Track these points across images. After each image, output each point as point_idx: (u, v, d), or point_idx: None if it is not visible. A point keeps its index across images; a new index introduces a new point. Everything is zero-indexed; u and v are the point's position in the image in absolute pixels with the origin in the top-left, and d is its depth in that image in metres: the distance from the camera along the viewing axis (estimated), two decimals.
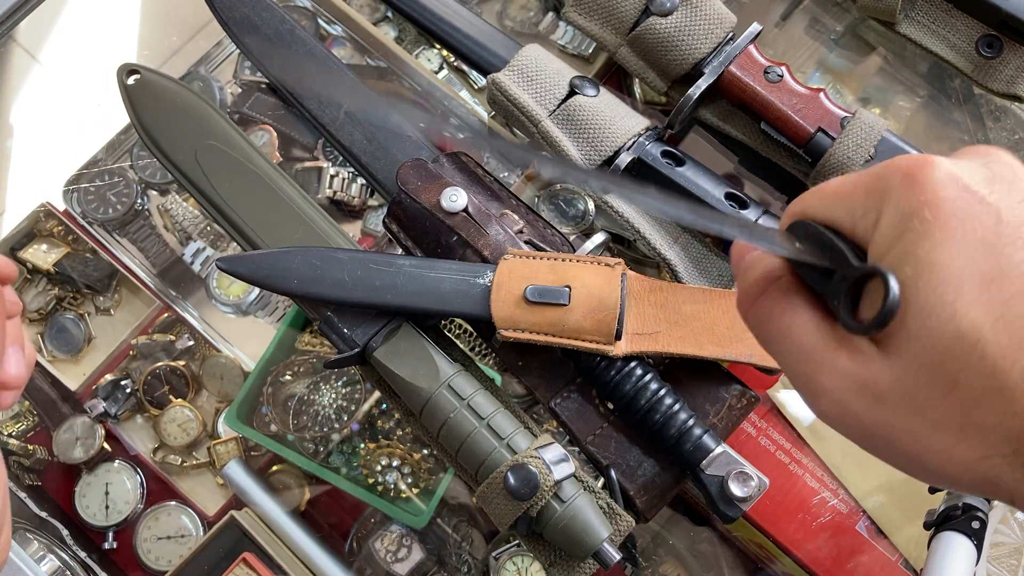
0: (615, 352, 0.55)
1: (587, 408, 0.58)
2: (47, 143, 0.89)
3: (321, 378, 0.76)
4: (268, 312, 0.81)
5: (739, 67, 0.64)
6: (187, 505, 0.77)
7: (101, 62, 0.79)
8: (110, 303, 0.82)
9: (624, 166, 0.63)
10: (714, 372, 0.59)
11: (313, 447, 0.74)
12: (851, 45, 0.79)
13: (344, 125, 0.66)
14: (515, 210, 0.63)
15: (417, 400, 0.56)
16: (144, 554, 0.75)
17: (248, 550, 0.70)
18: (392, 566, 0.72)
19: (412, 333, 0.58)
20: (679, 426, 0.55)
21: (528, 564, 0.70)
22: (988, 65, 0.68)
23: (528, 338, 0.56)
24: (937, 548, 0.56)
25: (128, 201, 0.82)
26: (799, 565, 0.62)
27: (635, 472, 0.57)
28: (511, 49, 0.67)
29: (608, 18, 0.67)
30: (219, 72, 0.86)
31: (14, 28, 0.85)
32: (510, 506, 0.52)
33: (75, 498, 0.76)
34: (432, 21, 0.70)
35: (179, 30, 0.90)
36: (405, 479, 0.73)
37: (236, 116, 0.83)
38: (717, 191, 0.62)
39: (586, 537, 0.52)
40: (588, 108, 0.63)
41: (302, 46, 0.68)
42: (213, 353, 0.80)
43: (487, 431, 0.54)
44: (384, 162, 0.65)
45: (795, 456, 0.64)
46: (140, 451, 0.78)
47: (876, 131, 0.62)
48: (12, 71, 0.90)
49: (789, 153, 0.66)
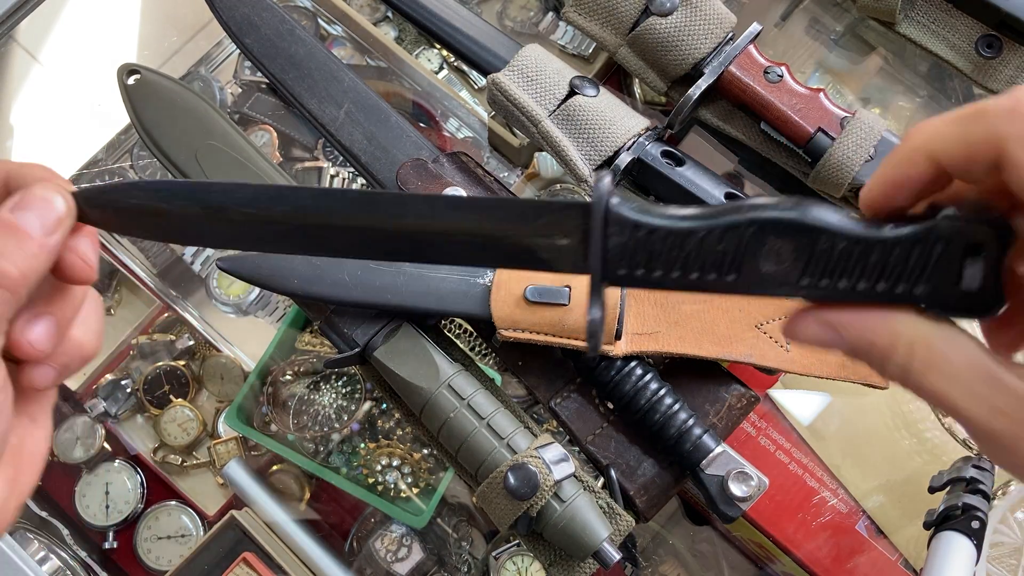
0: (615, 352, 0.56)
1: (587, 408, 0.58)
2: (47, 143, 0.89)
3: (321, 378, 0.76)
4: (268, 312, 0.81)
5: (739, 67, 0.64)
6: (187, 505, 0.77)
7: (101, 62, 0.79)
8: (110, 303, 0.82)
9: (624, 166, 0.63)
10: (714, 372, 0.59)
11: (313, 447, 0.74)
12: (851, 45, 0.79)
13: (344, 125, 0.66)
14: None
15: (417, 400, 0.56)
16: (144, 554, 0.75)
17: (248, 550, 0.70)
18: (392, 566, 0.72)
19: (412, 333, 0.58)
20: (679, 426, 0.55)
21: (528, 564, 0.70)
22: (988, 65, 0.68)
23: (528, 338, 0.56)
24: (937, 548, 0.56)
25: None
26: (799, 565, 0.63)
27: (635, 472, 0.57)
28: (511, 49, 0.67)
29: (608, 18, 0.67)
30: (219, 72, 0.86)
31: (14, 28, 0.85)
32: (510, 506, 0.52)
33: (75, 498, 0.76)
34: (432, 21, 0.70)
35: (179, 30, 0.90)
36: (405, 479, 0.73)
37: (236, 116, 0.83)
38: (717, 191, 0.62)
39: (586, 537, 0.52)
40: (588, 108, 0.63)
41: (302, 46, 0.68)
42: (213, 353, 0.80)
43: (487, 431, 0.54)
44: (384, 162, 0.65)
45: (795, 456, 0.64)
46: (140, 451, 0.78)
47: (876, 131, 0.62)
48: (12, 71, 0.90)
49: (789, 153, 0.66)
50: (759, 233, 0.32)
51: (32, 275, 0.34)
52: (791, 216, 0.32)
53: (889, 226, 0.31)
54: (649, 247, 0.34)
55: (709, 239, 0.33)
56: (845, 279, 0.32)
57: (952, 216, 0.30)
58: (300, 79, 0.67)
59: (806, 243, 0.32)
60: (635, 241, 0.34)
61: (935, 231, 0.30)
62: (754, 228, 0.32)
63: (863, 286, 0.31)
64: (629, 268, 0.34)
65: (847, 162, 0.61)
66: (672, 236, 0.33)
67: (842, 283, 0.32)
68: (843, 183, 0.62)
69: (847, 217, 0.32)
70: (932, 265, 0.30)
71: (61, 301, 0.36)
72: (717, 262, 0.33)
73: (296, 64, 0.68)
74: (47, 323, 0.35)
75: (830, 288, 0.32)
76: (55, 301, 0.36)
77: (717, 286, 0.33)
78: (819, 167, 0.62)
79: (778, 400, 0.65)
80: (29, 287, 0.34)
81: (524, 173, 0.78)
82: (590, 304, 0.35)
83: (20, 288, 0.33)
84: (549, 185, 0.78)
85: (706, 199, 0.62)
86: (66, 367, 0.37)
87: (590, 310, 0.35)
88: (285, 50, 0.68)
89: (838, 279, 0.32)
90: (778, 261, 0.32)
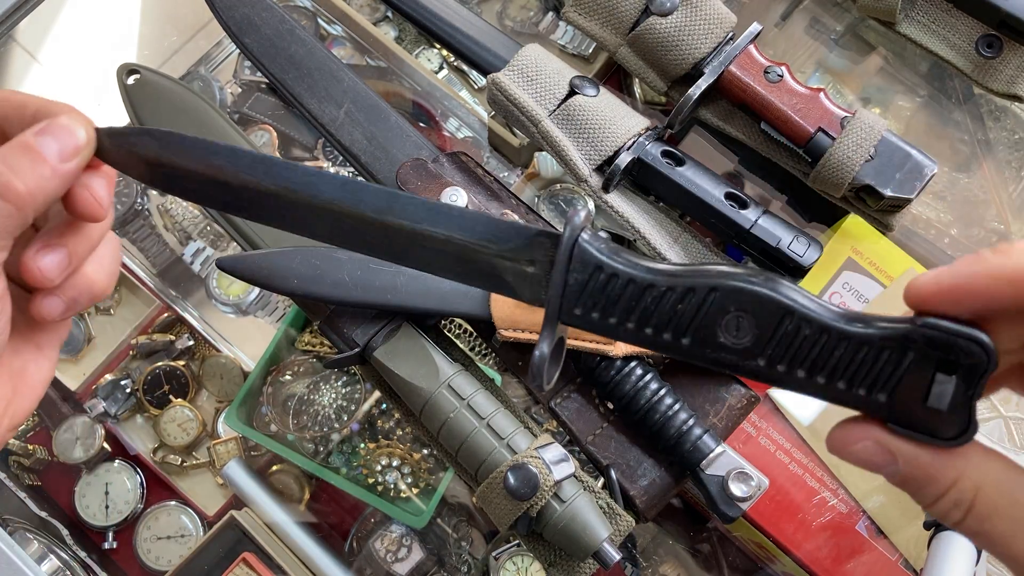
0: (615, 352, 0.55)
1: (587, 408, 0.58)
2: None
3: (321, 378, 0.76)
4: (268, 312, 0.81)
5: (739, 67, 0.64)
6: (187, 505, 0.77)
7: (101, 62, 0.79)
8: (110, 303, 0.82)
9: (624, 166, 0.63)
10: (714, 372, 0.59)
11: (313, 447, 0.74)
12: (851, 45, 0.79)
13: (344, 125, 0.66)
14: (515, 210, 0.63)
15: (417, 400, 0.56)
16: (144, 554, 0.75)
17: (248, 550, 0.70)
18: (392, 566, 0.72)
19: (412, 333, 0.58)
20: (679, 426, 0.55)
21: (528, 564, 0.70)
22: (988, 65, 0.68)
23: (528, 338, 0.56)
24: (937, 548, 0.56)
25: (128, 201, 0.82)
26: (799, 565, 0.62)
27: (635, 472, 0.57)
28: (511, 49, 0.67)
29: (608, 18, 0.67)
30: (219, 72, 0.86)
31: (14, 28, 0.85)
32: (510, 506, 0.52)
33: (75, 498, 0.76)
34: (432, 21, 0.70)
35: (179, 30, 0.90)
36: (405, 479, 0.73)
37: (236, 116, 0.83)
38: (717, 191, 0.62)
39: (586, 537, 0.52)
40: (588, 108, 0.63)
41: (302, 46, 0.68)
42: (213, 353, 0.80)
43: (487, 431, 0.54)
44: (384, 162, 0.65)
45: (795, 456, 0.64)
46: (140, 451, 0.78)
47: (876, 131, 0.62)
48: (12, 71, 0.90)
49: (789, 153, 0.66)
50: (722, 300, 0.30)
51: (40, 196, 0.34)
52: (759, 290, 0.30)
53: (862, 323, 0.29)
54: (608, 292, 0.32)
55: (669, 297, 0.31)
56: (803, 369, 0.29)
57: (931, 325, 0.27)
58: (300, 79, 0.67)
59: (769, 321, 0.29)
60: (596, 283, 0.33)
61: (910, 337, 0.28)
62: (718, 295, 0.30)
63: (822, 381, 0.29)
64: (585, 309, 0.33)
65: (847, 162, 0.61)
66: (632, 286, 0.32)
67: (800, 373, 0.29)
68: (843, 183, 0.62)
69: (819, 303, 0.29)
70: (900, 374, 0.28)
71: (76, 236, 0.37)
72: (674, 322, 0.31)
73: (296, 64, 0.68)
74: (59, 254, 0.36)
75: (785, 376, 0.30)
76: (69, 235, 0.37)
77: (670, 348, 0.32)
78: (819, 167, 0.62)
79: (778, 400, 0.65)
80: (36, 208, 0.35)
81: (524, 173, 0.78)
82: (540, 338, 0.34)
83: (26, 206, 0.34)
84: (549, 185, 0.78)
85: (706, 199, 0.62)
86: (75, 301, 0.38)
87: (539, 344, 0.34)
88: (285, 50, 0.68)
89: (796, 367, 0.29)
90: (737, 335, 0.30)
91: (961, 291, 0.27)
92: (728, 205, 0.62)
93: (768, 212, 0.62)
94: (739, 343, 0.30)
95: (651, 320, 0.32)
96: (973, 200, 0.75)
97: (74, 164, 0.36)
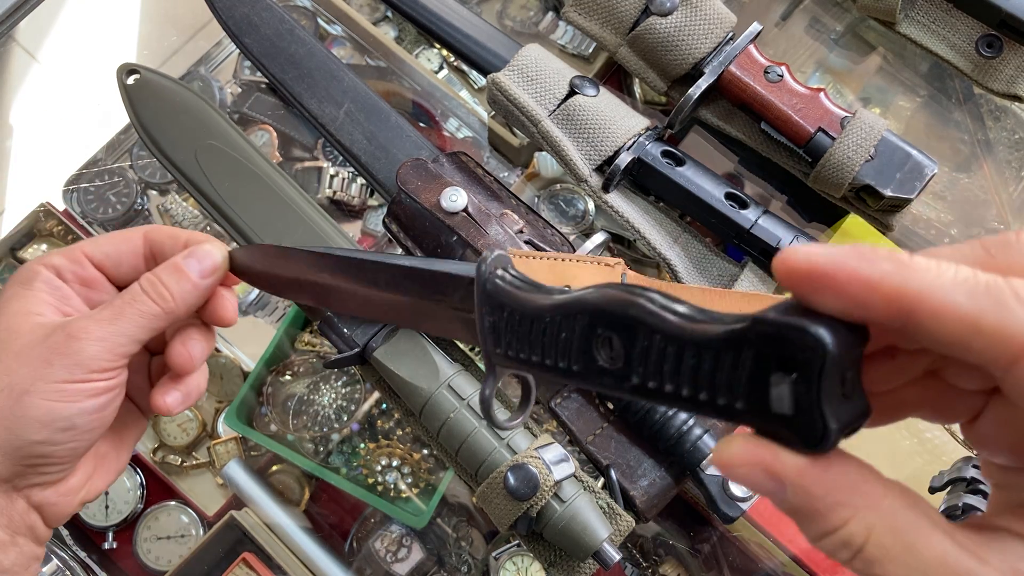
0: None
1: (587, 408, 0.58)
2: (47, 143, 0.89)
3: (321, 378, 0.76)
4: (268, 312, 0.81)
5: (739, 67, 0.64)
6: (187, 505, 0.76)
7: (101, 62, 0.79)
8: None
9: (624, 166, 0.63)
10: None
11: (313, 447, 0.74)
12: (851, 45, 0.79)
13: (344, 125, 0.66)
14: (515, 210, 0.63)
15: (417, 400, 0.56)
16: (144, 554, 0.75)
17: (248, 550, 0.70)
18: (392, 566, 0.72)
19: (412, 333, 0.58)
20: (679, 426, 0.55)
21: (528, 564, 0.70)
22: (988, 65, 0.68)
23: None
24: None
25: (128, 201, 0.82)
26: (799, 565, 0.62)
27: (635, 472, 0.57)
28: (511, 49, 0.67)
29: (608, 18, 0.67)
30: (219, 72, 0.86)
31: (14, 28, 0.85)
32: (510, 506, 0.52)
33: None
34: (432, 21, 0.70)
35: (179, 30, 0.90)
36: (405, 479, 0.73)
37: (236, 116, 0.83)
38: (717, 191, 0.62)
39: (586, 537, 0.52)
40: (588, 108, 0.63)
41: (302, 46, 0.68)
42: (213, 353, 0.80)
43: (487, 431, 0.54)
44: (384, 162, 0.65)
45: None
46: (140, 451, 0.78)
47: (876, 131, 0.62)
48: (12, 71, 0.90)
49: (789, 153, 0.66)
50: (590, 324, 0.29)
51: (183, 306, 0.44)
52: (610, 308, 0.28)
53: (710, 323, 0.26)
54: (513, 329, 0.32)
55: (553, 326, 0.30)
56: (669, 383, 0.26)
57: (762, 320, 0.24)
58: (300, 79, 0.67)
59: (627, 337, 0.28)
60: (504, 322, 0.32)
61: (744, 336, 0.24)
62: (585, 319, 0.29)
63: (686, 392, 0.26)
64: (504, 348, 0.32)
65: (847, 162, 0.61)
66: (525, 321, 0.31)
67: (668, 387, 0.27)
68: (843, 183, 0.62)
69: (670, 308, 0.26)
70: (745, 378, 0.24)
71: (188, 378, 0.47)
72: (565, 351, 0.30)
73: (296, 64, 0.68)
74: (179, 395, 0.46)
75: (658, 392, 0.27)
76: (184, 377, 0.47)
77: (570, 376, 0.30)
78: (819, 167, 0.62)
79: None
80: (179, 315, 0.44)
81: (524, 173, 0.78)
82: (485, 379, 0.35)
83: (172, 312, 0.44)
84: (549, 185, 0.78)
85: (706, 199, 0.62)
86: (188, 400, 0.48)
87: (484, 384, 0.34)
88: (285, 50, 0.68)
89: (664, 382, 0.27)
90: (610, 356, 0.28)
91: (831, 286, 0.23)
92: (728, 205, 0.61)
93: (768, 212, 0.62)
94: (615, 365, 0.28)
95: (550, 351, 0.30)
96: (973, 200, 0.75)
97: (211, 280, 0.45)
